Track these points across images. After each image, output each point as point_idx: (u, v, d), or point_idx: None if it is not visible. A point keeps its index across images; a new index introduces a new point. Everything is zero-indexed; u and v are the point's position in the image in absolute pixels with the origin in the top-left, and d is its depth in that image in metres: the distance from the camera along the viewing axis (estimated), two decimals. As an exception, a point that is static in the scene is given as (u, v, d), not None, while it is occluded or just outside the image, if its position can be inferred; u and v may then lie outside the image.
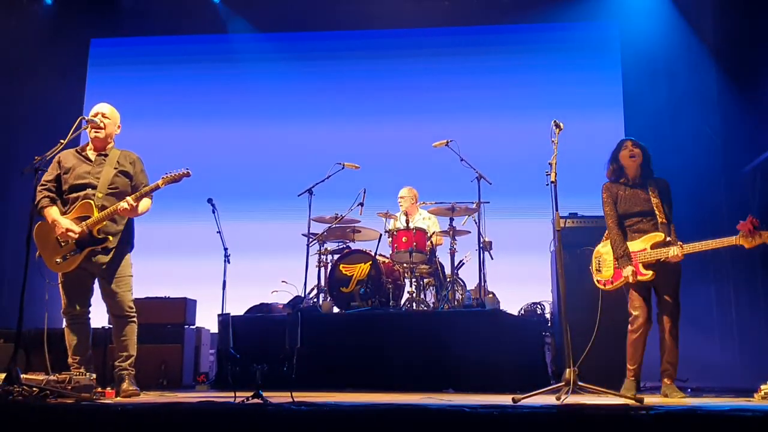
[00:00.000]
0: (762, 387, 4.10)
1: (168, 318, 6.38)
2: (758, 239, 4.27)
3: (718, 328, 7.50)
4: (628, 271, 4.57)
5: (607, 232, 4.80)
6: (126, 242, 4.64)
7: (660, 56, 8.21)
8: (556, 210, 4.08)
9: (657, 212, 4.66)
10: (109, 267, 4.52)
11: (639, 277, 4.58)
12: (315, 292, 6.76)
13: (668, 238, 4.58)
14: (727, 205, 7.84)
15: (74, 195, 4.54)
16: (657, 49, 8.23)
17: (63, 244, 4.45)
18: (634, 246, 4.66)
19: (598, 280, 4.80)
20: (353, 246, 6.87)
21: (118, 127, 4.75)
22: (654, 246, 4.59)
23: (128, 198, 4.46)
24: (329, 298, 6.47)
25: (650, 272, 4.57)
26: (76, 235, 4.40)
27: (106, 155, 4.64)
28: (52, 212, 4.49)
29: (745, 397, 4.31)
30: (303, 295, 6.60)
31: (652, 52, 8.24)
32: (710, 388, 5.78)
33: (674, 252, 4.48)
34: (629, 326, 4.67)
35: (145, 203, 4.60)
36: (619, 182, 4.82)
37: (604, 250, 4.80)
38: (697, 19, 8.28)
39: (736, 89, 7.67)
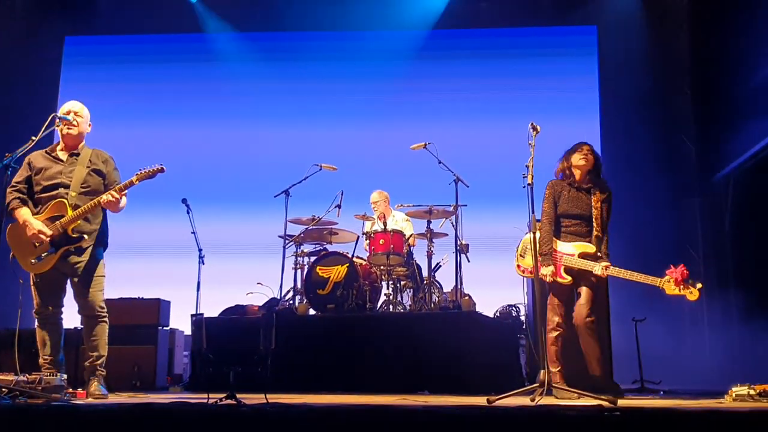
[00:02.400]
0: (732, 389, 4.15)
1: (141, 319, 6.31)
2: (682, 290, 4.36)
3: (690, 332, 7.59)
4: (547, 270, 4.62)
5: (538, 224, 4.81)
6: (99, 242, 4.59)
7: (637, 63, 8.31)
8: (533, 212, 4.11)
9: (594, 223, 4.70)
10: (81, 266, 4.45)
11: (558, 279, 4.63)
12: (291, 294, 6.72)
13: (598, 253, 4.63)
14: (700, 211, 7.95)
15: (46, 195, 4.48)
16: (634, 56, 8.32)
17: (37, 244, 4.38)
18: (563, 247, 4.70)
19: (518, 265, 4.87)
20: (330, 248, 6.85)
21: (89, 125, 4.70)
22: (582, 255, 4.63)
23: (111, 191, 4.41)
24: (305, 300, 6.44)
25: (569, 278, 4.63)
26: (48, 238, 4.33)
27: (77, 154, 4.58)
28: (23, 213, 4.41)
29: (716, 398, 4.36)
30: (279, 297, 6.57)
31: (629, 58, 8.34)
32: (682, 390, 5.85)
33: (598, 270, 4.53)
34: (548, 326, 4.68)
35: (121, 200, 4.54)
36: (565, 182, 4.85)
37: (531, 238, 4.78)
38: (673, 28, 8.41)
39: (709, 97, 7.79)
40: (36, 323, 4.54)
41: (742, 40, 6.99)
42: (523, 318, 6.51)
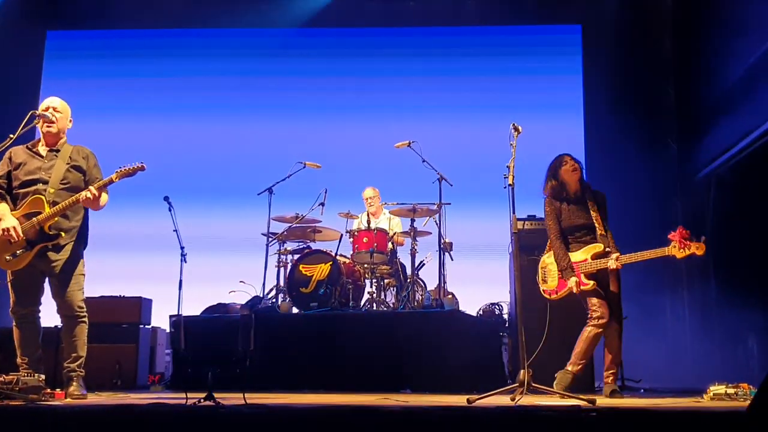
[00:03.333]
0: (711, 388, 4.19)
1: (123, 317, 6.28)
2: (688, 250, 4.44)
3: (671, 332, 7.65)
4: (572, 282, 4.72)
5: (549, 243, 4.92)
6: (79, 240, 4.52)
7: (621, 63, 8.34)
8: (514, 212, 4.11)
9: (597, 225, 4.81)
10: (59, 264, 4.39)
11: (582, 287, 4.70)
12: (274, 292, 6.71)
13: (607, 249, 4.74)
14: (683, 210, 8.00)
15: (25, 191, 4.41)
16: (618, 56, 8.35)
17: (13, 241, 4.32)
18: (575, 257, 4.81)
19: (544, 290, 4.94)
20: (314, 246, 6.84)
21: (70, 121, 4.63)
22: (594, 257, 4.74)
23: (90, 187, 4.35)
24: (288, 298, 6.42)
25: (592, 282, 4.71)
26: (16, 238, 4.26)
27: (58, 150, 4.53)
28: (0, 208, 4.36)
29: (695, 397, 4.40)
30: (261, 296, 6.55)
31: (613, 58, 8.37)
32: (662, 389, 5.90)
33: (612, 264, 4.65)
34: (592, 323, 4.69)
35: (102, 198, 4.49)
36: (560, 197, 4.91)
37: (549, 261, 4.93)
38: (657, 28, 8.45)
39: (692, 97, 7.84)
40: (13, 323, 4.48)
41: (723, 40, 7.04)
42: (506, 316, 6.54)
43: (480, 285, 7.04)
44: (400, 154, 6.75)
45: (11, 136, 4.27)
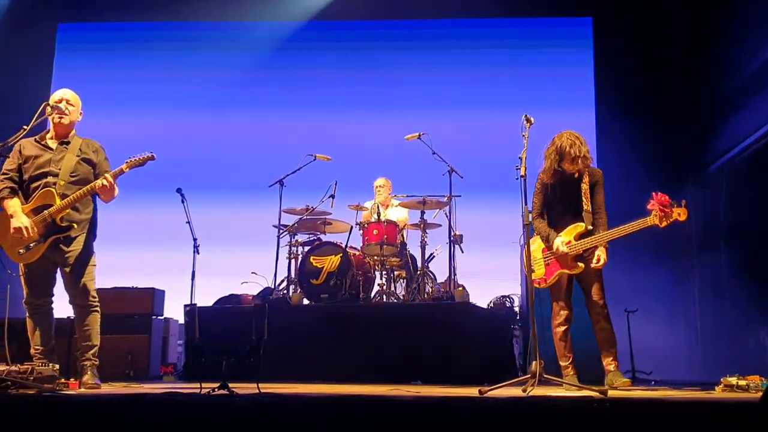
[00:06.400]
0: (723, 380, 4.17)
1: (135, 308, 6.32)
2: (670, 218, 4.25)
3: (682, 324, 7.62)
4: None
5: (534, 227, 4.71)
6: (90, 231, 4.56)
7: (632, 55, 8.29)
8: (525, 204, 4.10)
9: (584, 199, 4.58)
10: (71, 256, 4.43)
11: (575, 271, 4.53)
12: (285, 283, 6.74)
13: (589, 227, 4.52)
14: (693, 203, 7.95)
15: (35, 184, 4.44)
16: (629, 48, 8.30)
17: (24, 239, 4.34)
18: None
19: (533, 280, 4.68)
20: (324, 238, 6.86)
21: (80, 113, 4.66)
22: (578, 237, 4.54)
23: (106, 175, 4.38)
24: (299, 290, 6.45)
25: (581, 265, 4.52)
26: (28, 236, 4.27)
27: (68, 143, 4.55)
28: (12, 204, 4.37)
29: (707, 389, 4.39)
30: (273, 287, 6.58)
31: (624, 50, 8.31)
32: (673, 381, 5.88)
33: (599, 253, 4.42)
34: (554, 322, 4.63)
35: (115, 189, 4.52)
36: (557, 177, 4.72)
37: (532, 248, 4.68)
38: (669, 18, 8.39)
39: (705, 88, 7.78)
40: (27, 314, 4.52)
41: (736, 32, 6.99)
42: (517, 309, 6.54)
43: (491, 277, 7.03)
44: (410, 146, 6.76)
45: (24, 127, 4.29)
